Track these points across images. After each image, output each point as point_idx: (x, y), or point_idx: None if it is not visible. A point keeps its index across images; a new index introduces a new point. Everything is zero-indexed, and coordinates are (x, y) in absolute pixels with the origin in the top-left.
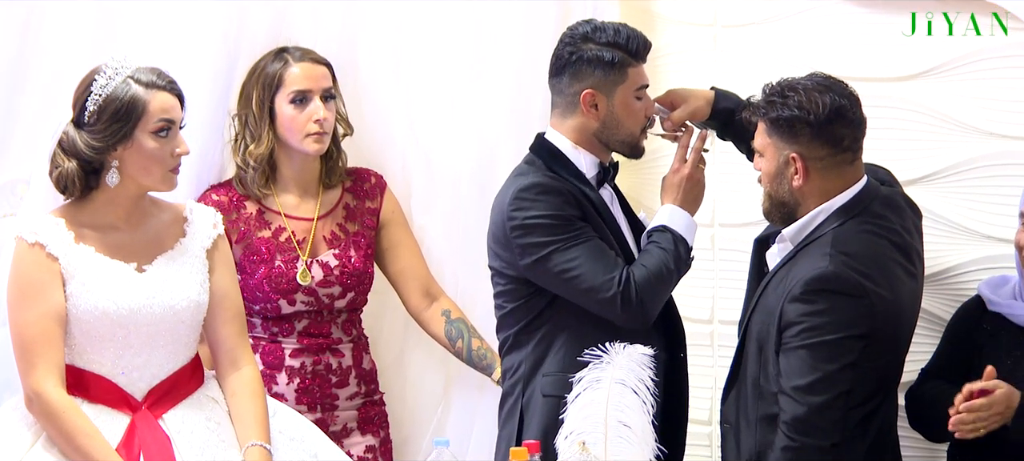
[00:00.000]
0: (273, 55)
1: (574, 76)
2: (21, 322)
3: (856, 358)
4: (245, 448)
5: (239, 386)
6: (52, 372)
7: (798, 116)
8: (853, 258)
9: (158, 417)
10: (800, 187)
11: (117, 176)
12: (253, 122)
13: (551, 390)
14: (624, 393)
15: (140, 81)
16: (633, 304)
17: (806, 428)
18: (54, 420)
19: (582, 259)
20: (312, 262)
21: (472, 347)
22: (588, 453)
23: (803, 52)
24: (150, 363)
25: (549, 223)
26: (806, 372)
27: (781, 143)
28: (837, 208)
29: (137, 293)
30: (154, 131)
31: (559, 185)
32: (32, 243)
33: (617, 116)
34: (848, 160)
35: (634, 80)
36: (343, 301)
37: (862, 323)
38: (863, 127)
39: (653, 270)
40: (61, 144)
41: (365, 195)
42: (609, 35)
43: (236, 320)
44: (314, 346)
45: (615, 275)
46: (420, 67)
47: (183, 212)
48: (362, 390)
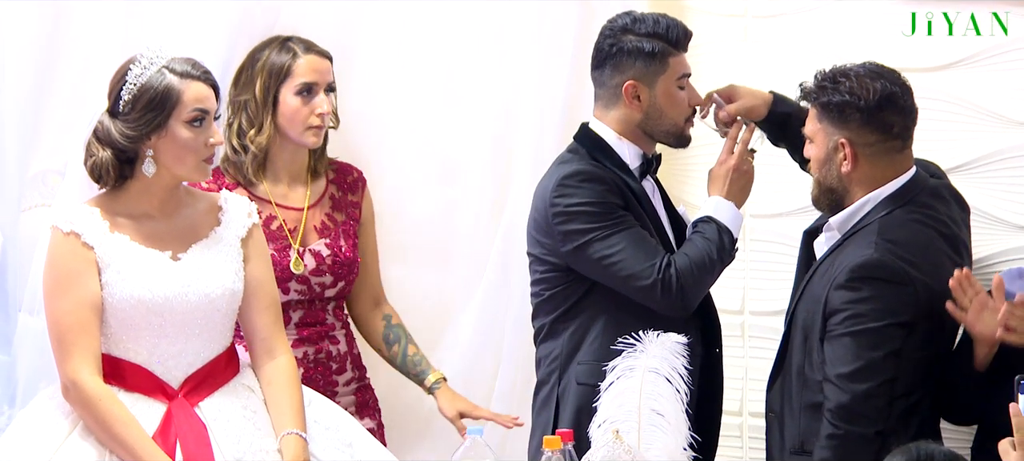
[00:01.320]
0: (278, 45)
1: (615, 68)
2: (57, 311)
3: (900, 346)
4: (281, 436)
5: (275, 374)
6: (88, 361)
7: (848, 101)
8: (899, 246)
9: (194, 405)
10: (848, 173)
11: (153, 165)
12: (254, 109)
13: (585, 378)
14: (658, 381)
15: (175, 71)
16: (673, 291)
17: (850, 415)
18: (91, 408)
19: (623, 246)
20: (304, 251)
21: (407, 353)
22: (622, 441)
23: (834, 43)
24: (186, 351)
25: (591, 210)
26: (850, 359)
27: (831, 128)
28: (885, 197)
29: (172, 281)
30: (188, 120)
31: (602, 173)
32: (67, 232)
33: (660, 106)
34: (897, 148)
35: (676, 69)
36: (333, 290)
37: (906, 311)
38: (914, 116)
39: (695, 259)
40: (96, 133)
41: (348, 188)
42: (648, 25)
43: (271, 309)
44: (313, 335)
45: (656, 262)
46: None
47: (218, 201)
48: (356, 375)
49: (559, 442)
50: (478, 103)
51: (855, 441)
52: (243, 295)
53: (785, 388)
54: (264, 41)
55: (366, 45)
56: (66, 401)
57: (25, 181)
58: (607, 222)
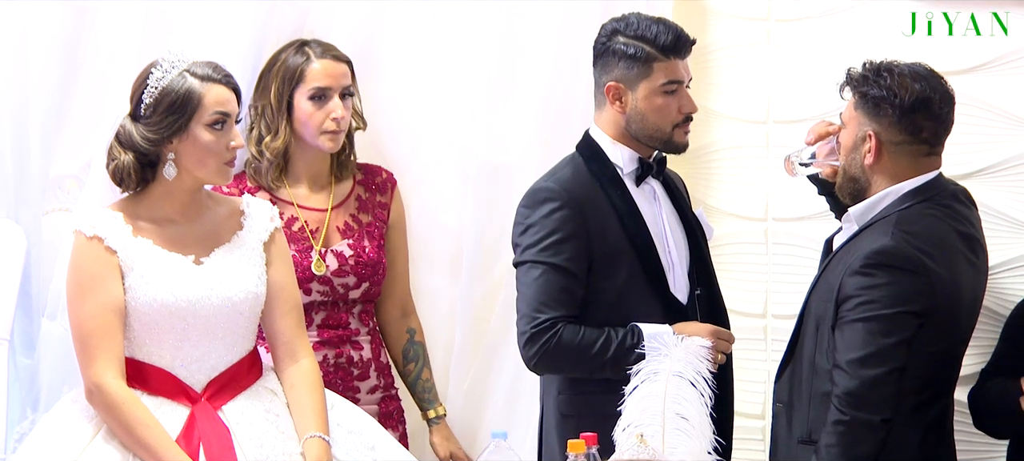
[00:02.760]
0: (294, 48)
1: (602, 68)
2: (81, 315)
3: (912, 335)
4: (304, 439)
5: (298, 378)
6: (112, 364)
7: (884, 97)
8: (916, 237)
9: (217, 408)
10: (871, 165)
11: (174, 169)
12: (271, 114)
13: (568, 409)
14: (682, 385)
15: (196, 74)
16: (535, 350)
17: (858, 402)
18: (114, 412)
19: (535, 286)
20: (326, 252)
21: (421, 376)
22: (646, 445)
23: (858, 46)
24: (209, 355)
25: (534, 235)
26: (860, 346)
27: (863, 119)
28: (906, 191)
29: (195, 285)
30: (209, 124)
31: (571, 194)
32: (90, 237)
33: (641, 110)
34: (924, 152)
35: (661, 75)
36: (358, 292)
37: (920, 300)
38: (946, 125)
39: (582, 342)
40: (118, 137)
41: (376, 189)
42: (637, 29)
43: (294, 313)
44: (335, 339)
45: (543, 317)
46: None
47: (240, 206)
48: (381, 384)
49: (583, 446)
50: (510, 108)
51: (861, 428)
52: (266, 298)
53: (795, 378)
54: (285, 45)
55: (394, 48)
56: (90, 405)
57: (47, 185)
58: (541, 253)
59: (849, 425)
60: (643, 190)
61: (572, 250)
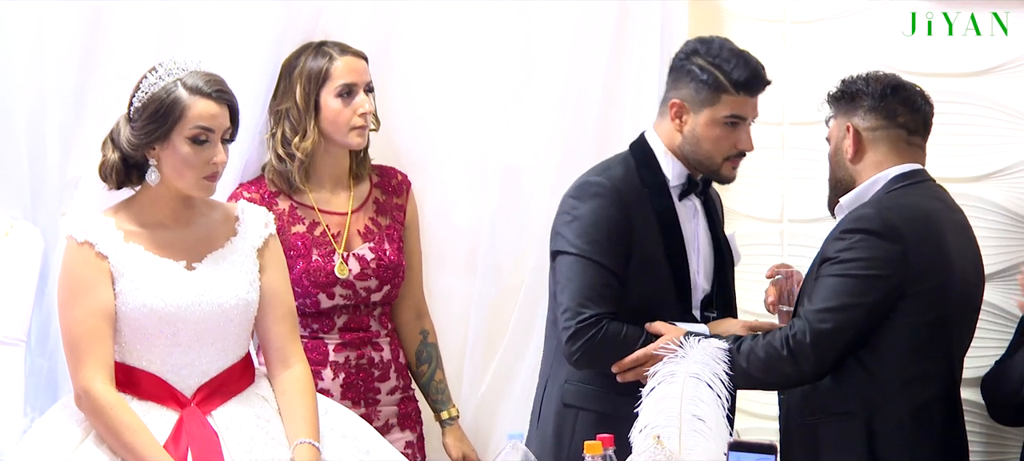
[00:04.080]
0: (313, 50)
1: (673, 82)
2: (70, 320)
3: (876, 300)
4: (294, 446)
5: (289, 384)
6: (100, 369)
7: (860, 89)
8: (898, 208)
9: (207, 413)
10: (852, 159)
11: (157, 175)
12: (297, 116)
13: (573, 400)
14: (699, 387)
15: (186, 85)
16: (579, 344)
17: (798, 349)
18: (102, 416)
19: (579, 280)
20: (348, 255)
21: (434, 377)
22: (663, 446)
23: (873, 48)
24: (199, 360)
25: (581, 228)
26: (822, 298)
27: (842, 117)
28: (893, 176)
29: (186, 291)
30: (190, 137)
31: (621, 194)
32: (82, 242)
33: (698, 135)
34: (902, 137)
35: (727, 107)
36: (379, 294)
37: (890, 266)
38: (922, 116)
39: (625, 337)
40: (111, 134)
41: (393, 191)
42: (714, 55)
43: (287, 319)
44: (356, 341)
45: (588, 312)
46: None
47: (234, 211)
48: (400, 385)
49: (600, 447)
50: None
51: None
52: (259, 305)
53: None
54: (297, 49)
55: (409, 49)
56: (79, 409)
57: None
58: (585, 247)
59: (780, 360)
60: (685, 204)
61: (615, 249)
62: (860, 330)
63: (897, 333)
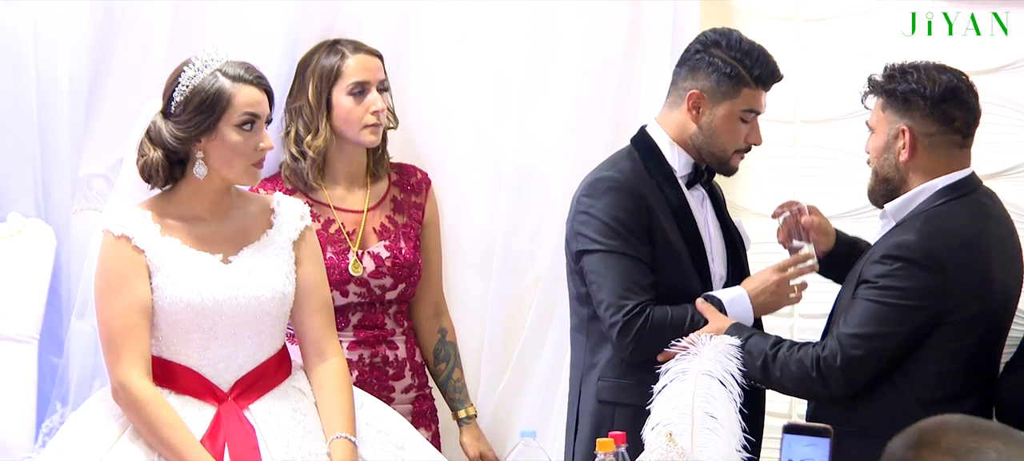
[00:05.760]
0: (326, 48)
1: (691, 72)
2: (108, 314)
3: (912, 328)
4: (330, 440)
5: (326, 377)
6: (138, 363)
7: (915, 89)
8: (942, 233)
9: (244, 408)
10: (906, 162)
11: (204, 167)
12: (309, 114)
13: (607, 396)
14: (711, 384)
15: (227, 74)
16: (629, 337)
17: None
18: (139, 411)
19: (612, 273)
20: (363, 253)
21: (452, 376)
22: (675, 444)
23: (885, 46)
24: (236, 354)
25: (603, 222)
26: (857, 323)
27: (894, 116)
28: (940, 187)
29: (222, 284)
30: (238, 124)
31: (634, 186)
32: (118, 236)
33: (715, 127)
34: (957, 143)
35: (745, 101)
36: (394, 292)
37: (929, 298)
38: (976, 115)
39: (672, 321)
40: (148, 133)
41: (411, 189)
42: (737, 51)
43: (323, 312)
44: (370, 338)
45: (630, 303)
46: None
47: (270, 204)
48: (415, 383)
49: (612, 445)
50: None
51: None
52: (295, 297)
53: None
54: (313, 48)
55: (426, 48)
56: (116, 404)
57: (76, 184)
58: (611, 241)
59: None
60: (693, 194)
61: (640, 237)
62: (892, 358)
63: (932, 357)
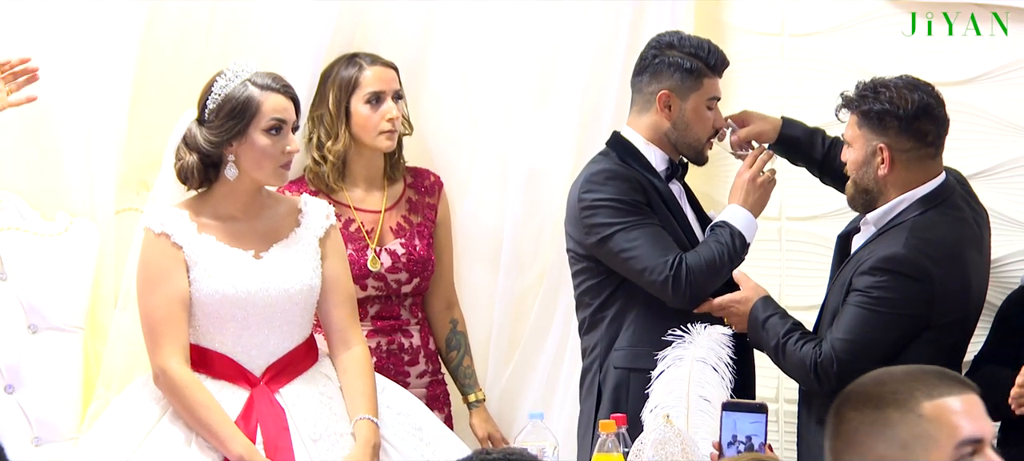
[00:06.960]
0: (346, 61)
1: (654, 76)
2: (149, 305)
3: (900, 335)
4: (354, 421)
5: (350, 364)
6: (177, 351)
7: (888, 110)
8: (928, 245)
9: (275, 392)
10: (884, 176)
11: (235, 169)
12: (330, 121)
13: (622, 363)
14: (705, 370)
15: (256, 83)
16: (682, 287)
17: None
18: (178, 394)
19: (641, 241)
20: (380, 250)
21: (462, 363)
22: (672, 425)
23: (869, 60)
24: (267, 342)
25: (615, 206)
26: (848, 329)
27: (870, 134)
28: (919, 197)
29: (254, 278)
30: (266, 129)
31: (628, 172)
32: (158, 233)
33: (687, 120)
34: (931, 155)
35: (708, 90)
36: (409, 286)
37: (918, 307)
38: (946, 126)
39: (706, 259)
40: (185, 139)
41: (425, 191)
42: (691, 46)
43: (347, 303)
44: (387, 328)
45: (668, 258)
46: (488, 69)
47: (298, 204)
48: (429, 369)
49: (614, 425)
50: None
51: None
52: (321, 290)
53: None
54: (335, 59)
55: (441, 59)
56: (157, 388)
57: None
58: (628, 218)
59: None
60: (673, 188)
61: (649, 213)
62: (882, 360)
63: (918, 357)
